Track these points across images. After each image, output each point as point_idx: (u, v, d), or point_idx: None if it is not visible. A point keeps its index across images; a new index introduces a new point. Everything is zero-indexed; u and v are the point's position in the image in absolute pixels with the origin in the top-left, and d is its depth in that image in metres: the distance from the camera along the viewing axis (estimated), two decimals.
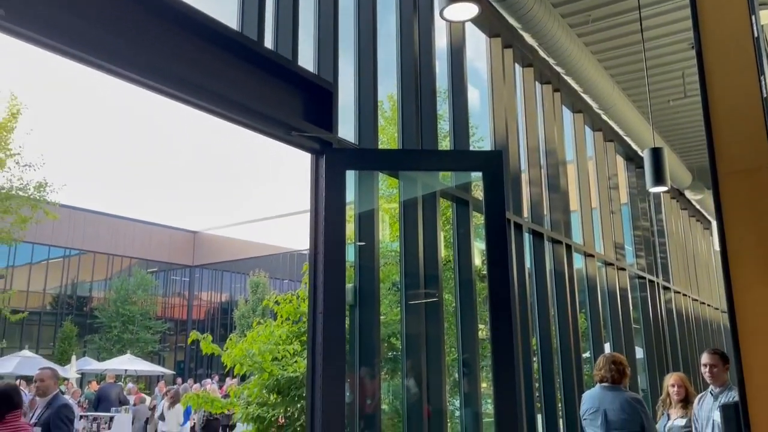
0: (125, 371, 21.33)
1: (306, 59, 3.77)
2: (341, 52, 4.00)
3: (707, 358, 4.49)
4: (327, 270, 3.15)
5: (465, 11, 3.72)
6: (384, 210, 6.74)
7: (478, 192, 5.31)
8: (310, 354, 3.45)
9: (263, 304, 8.47)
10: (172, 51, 2.96)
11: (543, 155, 6.85)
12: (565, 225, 6.90)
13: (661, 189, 6.12)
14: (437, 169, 4.24)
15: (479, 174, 3.88)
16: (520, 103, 6.54)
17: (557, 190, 6.89)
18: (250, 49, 3.33)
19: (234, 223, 41.80)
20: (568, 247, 6.81)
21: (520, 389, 5.11)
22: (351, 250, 4.22)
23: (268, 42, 3.57)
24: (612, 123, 7.95)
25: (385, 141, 9.77)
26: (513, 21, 5.60)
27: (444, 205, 5.54)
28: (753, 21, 2.11)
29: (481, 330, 5.17)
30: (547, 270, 6.44)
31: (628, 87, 8.02)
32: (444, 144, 6.74)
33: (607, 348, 7.92)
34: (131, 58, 2.74)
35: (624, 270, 8.48)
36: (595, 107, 7.47)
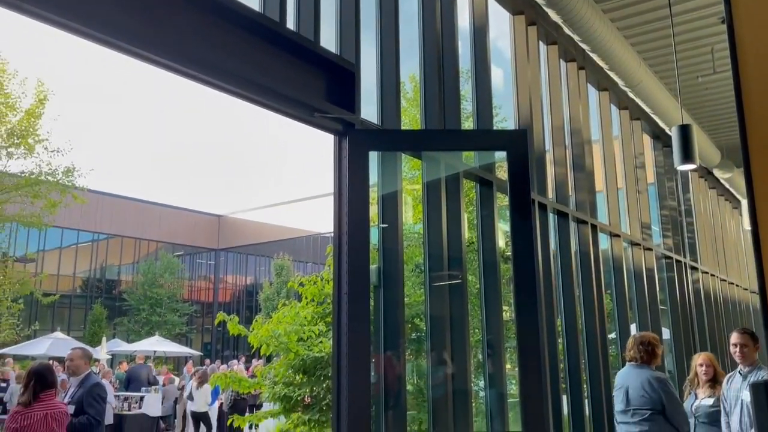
0: (154, 352, 21.76)
1: (328, 40, 3.76)
2: (363, 32, 3.97)
3: (737, 337, 4.44)
4: (351, 250, 3.16)
5: None
6: (407, 192, 6.74)
7: (501, 173, 5.27)
8: (335, 334, 3.48)
9: (288, 286, 8.56)
10: (194, 32, 2.97)
11: (568, 134, 6.77)
12: (591, 205, 6.83)
13: (690, 167, 6.01)
14: (461, 149, 4.21)
15: (503, 154, 3.85)
16: (544, 82, 6.45)
17: (582, 169, 6.80)
18: (272, 31, 3.33)
19: (258, 207, 42.14)
20: (593, 227, 6.74)
21: (545, 370, 5.11)
22: (374, 232, 4.23)
23: (290, 23, 3.56)
24: (639, 101, 7.80)
25: (407, 123, 9.72)
26: None
27: (467, 186, 5.51)
28: None
29: (505, 311, 5.16)
30: (572, 250, 6.38)
31: (655, 63, 7.85)
32: (467, 125, 6.70)
33: (633, 329, 7.86)
34: (154, 40, 2.76)
35: (650, 250, 8.38)
36: (621, 85, 7.34)
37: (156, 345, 21.76)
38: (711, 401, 4.83)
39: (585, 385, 6.19)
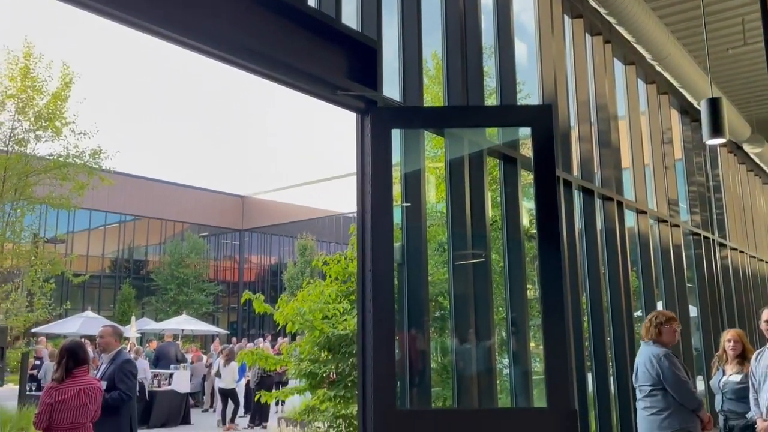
0: (182, 331, 22.16)
1: (349, 17, 3.73)
2: (384, 8, 3.93)
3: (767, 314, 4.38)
4: (375, 227, 3.17)
5: None
6: (429, 170, 6.70)
7: (525, 150, 5.21)
8: (360, 311, 3.51)
9: (312, 264, 8.62)
10: (215, 11, 2.97)
11: (593, 110, 6.66)
12: (617, 181, 6.73)
13: (719, 141, 5.89)
14: (485, 125, 4.17)
15: (527, 130, 3.80)
16: (569, 57, 6.33)
17: (608, 145, 6.70)
18: (293, 8, 3.31)
19: (281, 188, 42.36)
20: (619, 204, 6.65)
21: (570, 347, 5.09)
22: (398, 211, 4.23)
23: (311, 0, 3.54)
24: (666, 74, 7.63)
25: (429, 101, 9.63)
26: None
27: (491, 164, 5.46)
28: None
29: (529, 290, 5.15)
30: (598, 228, 6.32)
31: (683, 36, 7.65)
32: (490, 101, 6.61)
33: (660, 307, 7.78)
34: (178, 20, 2.76)
35: (678, 227, 8.25)
36: (649, 58, 7.18)
37: (184, 324, 22.15)
38: (739, 377, 4.78)
39: (610, 363, 6.17)
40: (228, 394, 12.10)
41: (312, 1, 3.58)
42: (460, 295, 4.45)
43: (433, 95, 9.92)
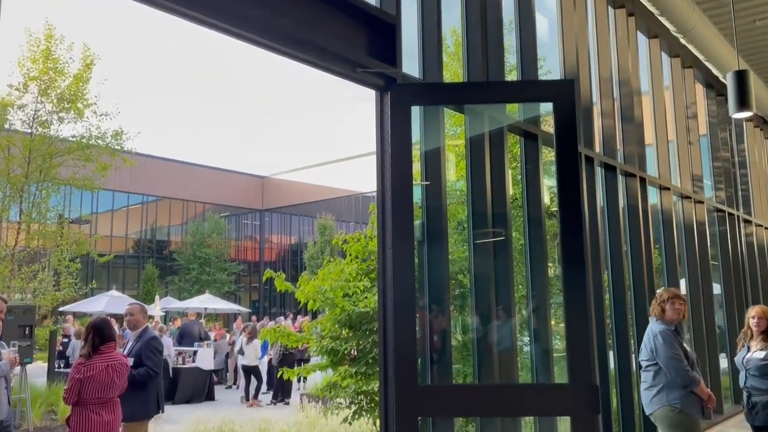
0: (205, 309, 22.48)
1: None
2: None
3: None
4: (395, 204, 3.17)
5: None
6: (449, 148, 6.66)
7: (546, 126, 5.16)
8: (380, 289, 3.52)
9: (333, 243, 8.66)
10: None
11: (616, 85, 6.55)
12: (640, 157, 6.64)
13: (746, 114, 5.77)
14: (505, 101, 4.13)
15: (548, 107, 3.75)
16: (591, 31, 6.22)
17: (631, 121, 6.60)
18: None
19: (300, 168, 42.47)
20: (642, 181, 6.57)
21: (591, 325, 5.08)
22: (417, 190, 4.22)
23: None
24: (691, 47, 7.47)
25: (449, 78, 9.52)
26: None
27: (511, 141, 5.42)
28: None
29: (550, 268, 5.13)
30: (620, 204, 6.26)
31: (709, 8, 7.46)
32: (510, 78, 6.53)
33: (683, 284, 7.71)
34: None
35: (702, 203, 8.14)
36: (673, 31, 7.02)
37: (206, 302, 22.45)
38: (763, 354, 4.74)
39: (632, 341, 6.14)
40: (251, 371, 12.29)
41: None
42: (480, 274, 4.45)
43: (453, 73, 9.81)
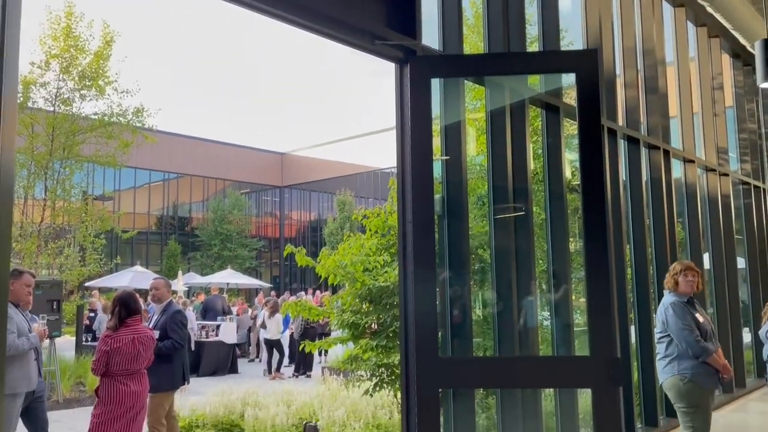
0: (227, 284, 22.78)
1: None
2: None
3: None
4: (415, 176, 3.16)
5: None
6: (469, 122, 6.61)
7: (568, 99, 5.09)
8: (401, 263, 3.54)
9: (353, 218, 8.68)
10: None
11: (640, 55, 6.42)
12: (663, 130, 6.53)
13: None
14: (527, 72, 4.07)
15: (570, 79, 3.70)
16: (614, 0, 6.09)
17: (655, 92, 6.48)
18: None
19: (319, 144, 42.50)
20: (665, 153, 6.47)
21: (613, 297, 5.06)
22: (437, 165, 4.21)
23: None
24: (718, 16, 7.28)
25: (469, 51, 9.41)
26: None
27: (532, 115, 5.35)
28: None
29: (571, 242, 5.10)
30: (643, 177, 6.18)
31: None
32: (532, 50, 6.43)
33: (706, 259, 7.63)
34: None
35: (727, 176, 8.00)
36: None
37: (228, 277, 22.75)
38: None
39: (654, 315, 6.12)
40: (273, 344, 12.47)
41: None
42: (501, 248, 4.44)
43: (472, 46, 9.67)
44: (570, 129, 5.29)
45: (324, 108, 70.27)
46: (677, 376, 4.14)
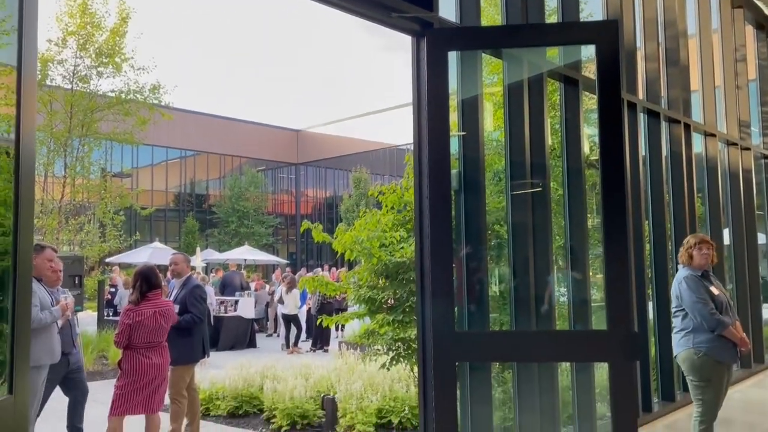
0: (244, 261, 22.99)
1: None
2: None
3: None
4: (432, 151, 3.15)
5: None
6: (486, 97, 6.55)
7: (587, 73, 5.01)
8: (417, 238, 3.54)
9: (369, 194, 8.69)
10: None
11: (661, 27, 6.29)
12: (684, 103, 6.42)
13: None
14: (546, 44, 4.01)
15: (590, 52, 3.63)
16: None
17: (676, 64, 6.36)
18: None
19: (334, 121, 42.37)
20: (686, 127, 6.37)
21: (631, 272, 5.03)
22: (454, 141, 4.17)
23: None
24: None
25: (487, 24, 9.27)
26: None
27: (550, 89, 5.29)
28: None
29: (589, 218, 5.06)
30: (663, 152, 6.09)
31: None
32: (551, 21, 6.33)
33: (726, 234, 7.55)
34: None
35: (749, 150, 7.87)
36: None
37: (246, 254, 22.94)
38: None
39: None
40: (291, 319, 12.61)
41: None
42: (518, 224, 4.43)
43: (490, 19, 9.52)
44: (588, 103, 5.22)
45: (336, 85, 69.88)
46: (692, 349, 4.13)
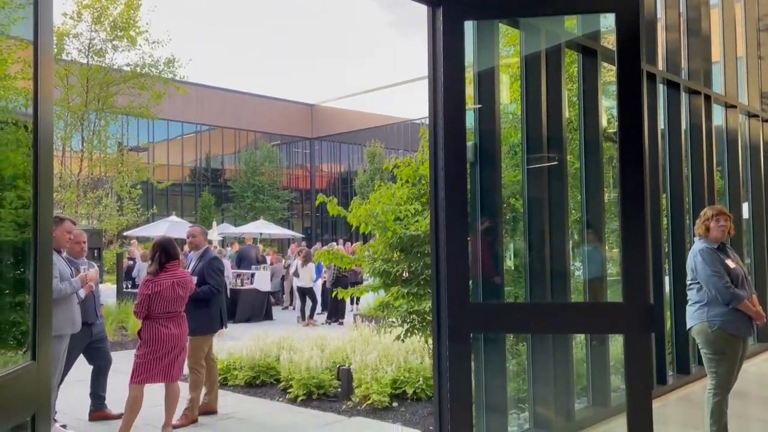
0: (260, 234, 23.15)
1: None
2: None
3: None
4: (447, 123, 3.13)
5: None
6: (502, 69, 6.48)
7: (606, 44, 4.93)
8: (432, 210, 3.54)
9: (384, 168, 8.68)
10: None
11: None
12: (705, 74, 6.30)
13: None
14: (565, 12, 3.93)
15: (608, 22, 3.56)
16: None
17: (697, 34, 6.22)
18: None
19: (347, 95, 42.15)
20: (707, 98, 6.26)
21: (648, 245, 5.00)
22: (470, 113, 4.14)
23: None
24: None
25: None
26: None
27: (568, 61, 5.21)
28: None
29: (606, 192, 5.02)
30: (683, 124, 6.00)
31: None
32: None
33: (745, 208, 7.45)
34: None
35: None
36: None
37: (261, 228, 23.09)
38: None
39: None
40: (306, 292, 12.72)
41: None
42: (534, 198, 4.41)
43: None
44: (606, 76, 5.15)
45: (353, 59, 69.31)
46: (706, 322, 4.11)
